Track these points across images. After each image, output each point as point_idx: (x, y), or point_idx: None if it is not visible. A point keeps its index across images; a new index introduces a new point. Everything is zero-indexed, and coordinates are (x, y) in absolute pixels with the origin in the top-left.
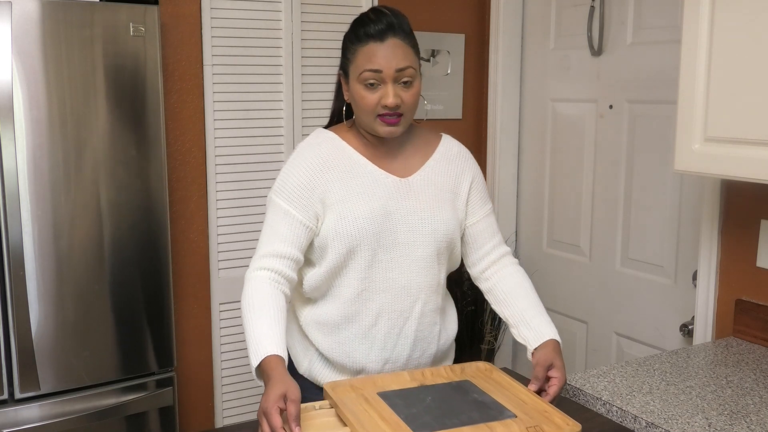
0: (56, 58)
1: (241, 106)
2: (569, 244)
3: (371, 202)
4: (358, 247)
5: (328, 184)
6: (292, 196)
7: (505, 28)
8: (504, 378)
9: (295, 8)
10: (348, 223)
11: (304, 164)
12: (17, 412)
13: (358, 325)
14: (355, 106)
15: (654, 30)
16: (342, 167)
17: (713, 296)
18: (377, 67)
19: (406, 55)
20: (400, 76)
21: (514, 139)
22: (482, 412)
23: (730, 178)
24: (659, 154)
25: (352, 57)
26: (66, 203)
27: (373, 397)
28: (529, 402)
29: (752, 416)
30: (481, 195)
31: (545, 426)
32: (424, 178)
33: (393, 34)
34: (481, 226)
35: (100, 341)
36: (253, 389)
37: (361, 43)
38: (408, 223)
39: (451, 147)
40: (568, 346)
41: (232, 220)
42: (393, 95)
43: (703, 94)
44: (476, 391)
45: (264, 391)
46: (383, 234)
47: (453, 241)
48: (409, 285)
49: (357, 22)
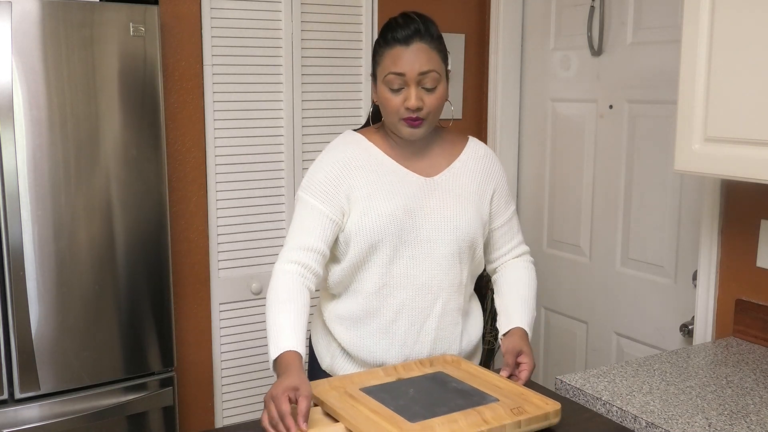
0: (56, 58)
1: (241, 106)
2: (569, 244)
3: (395, 199)
4: (380, 243)
5: (354, 180)
6: (318, 192)
7: (505, 28)
8: (473, 367)
9: (295, 8)
10: (371, 219)
11: (330, 161)
12: (17, 412)
13: (379, 320)
14: (382, 108)
15: (654, 30)
16: (368, 166)
17: (713, 296)
18: (401, 70)
19: (430, 59)
20: (423, 80)
21: (514, 139)
22: (466, 399)
23: (730, 178)
24: (659, 154)
25: (379, 60)
26: (66, 203)
27: (357, 393)
28: (503, 387)
29: (752, 416)
30: (505, 198)
31: (527, 407)
32: (449, 178)
33: (419, 39)
34: (504, 228)
35: (100, 341)
36: (253, 389)
37: (388, 47)
38: (431, 221)
39: (477, 149)
40: (568, 346)
41: (232, 220)
42: (415, 98)
43: (703, 94)
44: (453, 380)
45: (276, 381)
46: (405, 231)
47: (475, 242)
48: (430, 283)
49: (386, 26)
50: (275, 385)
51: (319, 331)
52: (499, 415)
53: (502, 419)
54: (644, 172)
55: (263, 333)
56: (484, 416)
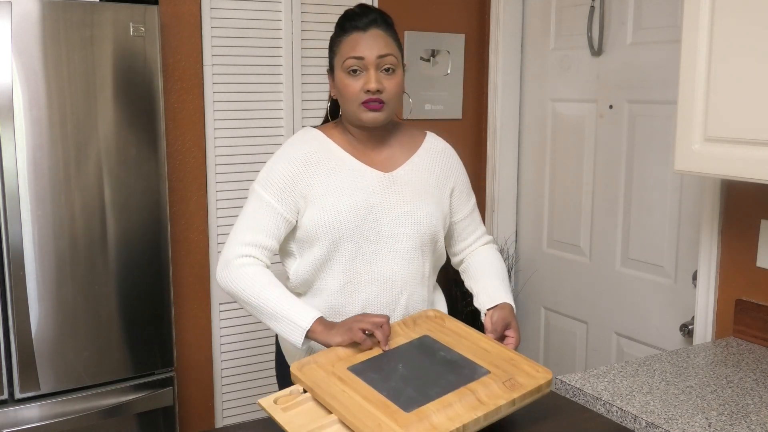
0: (56, 58)
1: (241, 106)
2: (569, 244)
3: (354, 195)
4: (341, 239)
5: (311, 179)
6: (275, 189)
7: (505, 28)
8: (457, 325)
9: (295, 8)
10: (330, 216)
11: (288, 159)
12: (17, 412)
13: (345, 317)
14: (341, 97)
15: (654, 30)
16: (326, 163)
17: (713, 296)
18: (359, 54)
19: (387, 43)
20: (381, 63)
21: (514, 139)
22: (457, 373)
23: (730, 178)
24: (659, 154)
25: (336, 49)
26: (66, 203)
27: (345, 374)
28: (492, 350)
29: (752, 416)
30: (465, 192)
31: (519, 377)
32: (407, 172)
33: (376, 26)
34: (467, 221)
35: (100, 341)
36: (253, 389)
37: (345, 34)
38: (391, 216)
39: (436, 144)
40: (568, 346)
41: (232, 220)
42: (375, 80)
43: (703, 94)
44: (440, 347)
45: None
46: (366, 226)
47: (436, 234)
48: (393, 277)
49: (343, 17)
50: (347, 321)
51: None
52: (493, 393)
53: (496, 398)
54: (644, 172)
55: (263, 333)
56: (479, 395)
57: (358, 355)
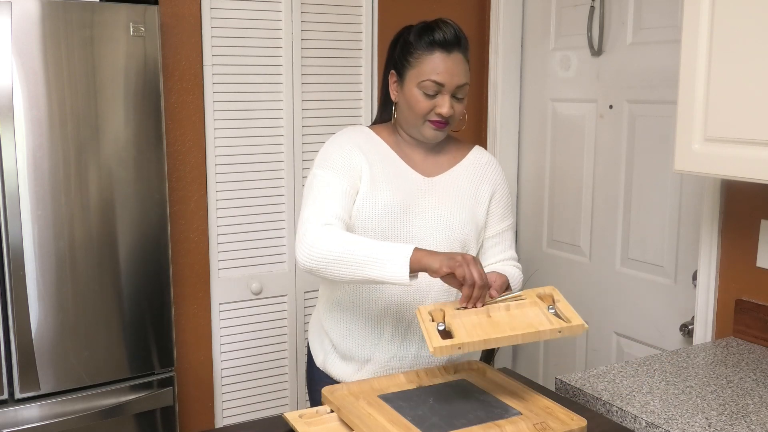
0: (56, 58)
1: (241, 106)
2: (569, 244)
3: (394, 193)
4: (371, 232)
5: (362, 164)
6: (335, 167)
7: (505, 28)
8: (498, 376)
9: (295, 8)
10: (369, 206)
11: (341, 142)
12: (17, 412)
13: (368, 313)
14: (406, 107)
15: (654, 30)
16: (373, 155)
17: (713, 296)
18: (441, 80)
19: (466, 71)
20: (457, 91)
21: (514, 139)
22: (487, 411)
23: (730, 178)
24: (659, 154)
25: (414, 62)
26: (66, 203)
27: (375, 400)
28: (529, 399)
29: (752, 416)
30: (502, 209)
31: (551, 422)
32: (447, 179)
33: (458, 49)
34: (496, 239)
35: (100, 341)
36: (253, 389)
37: (428, 52)
38: (424, 219)
39: (481, 156)
40: (569, 346)
41: (232, 220)
42: (449, 107)
43: (703, 94)
44: (476, 390)
45: (440, 255)
46: (398, 225)
47: (467, 243)
48: (419, 279)
49: (423, 28)
50: (454, 253)
51: (314, 330)
52: (520, 430)
53: None
54: (644, 172)
55: (263, 333)
56: (504, 431)
57: (392, 387)
